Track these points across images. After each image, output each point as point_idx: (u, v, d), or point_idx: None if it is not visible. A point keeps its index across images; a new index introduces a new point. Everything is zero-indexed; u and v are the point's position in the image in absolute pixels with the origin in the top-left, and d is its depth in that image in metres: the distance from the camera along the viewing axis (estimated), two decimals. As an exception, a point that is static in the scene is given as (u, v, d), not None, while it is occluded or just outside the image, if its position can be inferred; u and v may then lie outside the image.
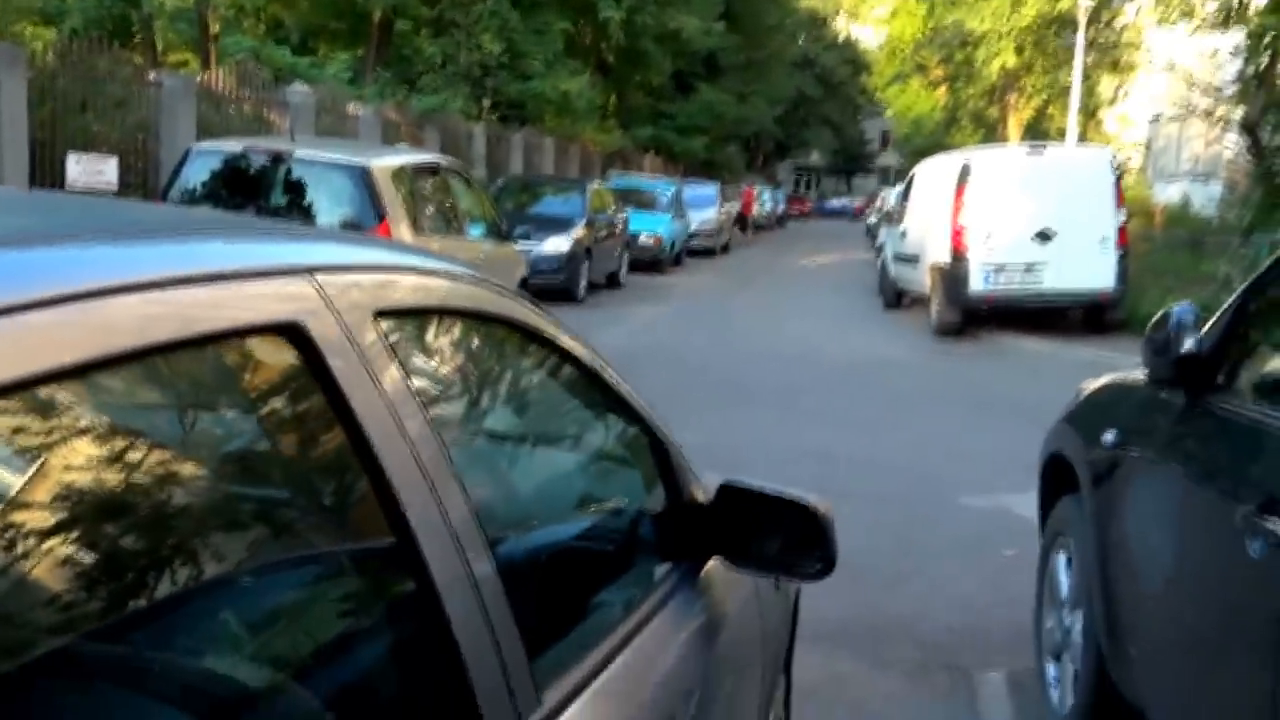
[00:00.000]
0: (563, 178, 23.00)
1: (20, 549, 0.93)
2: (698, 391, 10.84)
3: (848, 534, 6.40)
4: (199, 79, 13.12)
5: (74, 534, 0.98)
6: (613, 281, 19.58)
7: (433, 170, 10.61)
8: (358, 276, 1.41)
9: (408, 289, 1.52)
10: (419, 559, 1.29)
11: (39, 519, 0.95)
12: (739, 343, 14.30)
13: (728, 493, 2.30)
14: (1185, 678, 3.18)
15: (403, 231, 9.17)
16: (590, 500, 2.36)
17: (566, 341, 2.03)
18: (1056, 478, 4.27)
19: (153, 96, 12.00)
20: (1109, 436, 3.73)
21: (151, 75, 12.11)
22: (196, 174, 9.33)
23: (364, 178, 8.97)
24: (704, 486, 2.54)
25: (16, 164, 9.95)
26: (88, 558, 1.00)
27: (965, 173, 15.05)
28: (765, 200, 46.06)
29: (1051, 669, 4.20)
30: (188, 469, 1.15)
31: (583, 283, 17.23)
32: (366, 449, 1.25)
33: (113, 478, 1.03)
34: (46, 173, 10.47)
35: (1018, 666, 4.66)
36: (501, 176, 20.50)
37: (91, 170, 10.96)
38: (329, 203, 9.17)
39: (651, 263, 22.42)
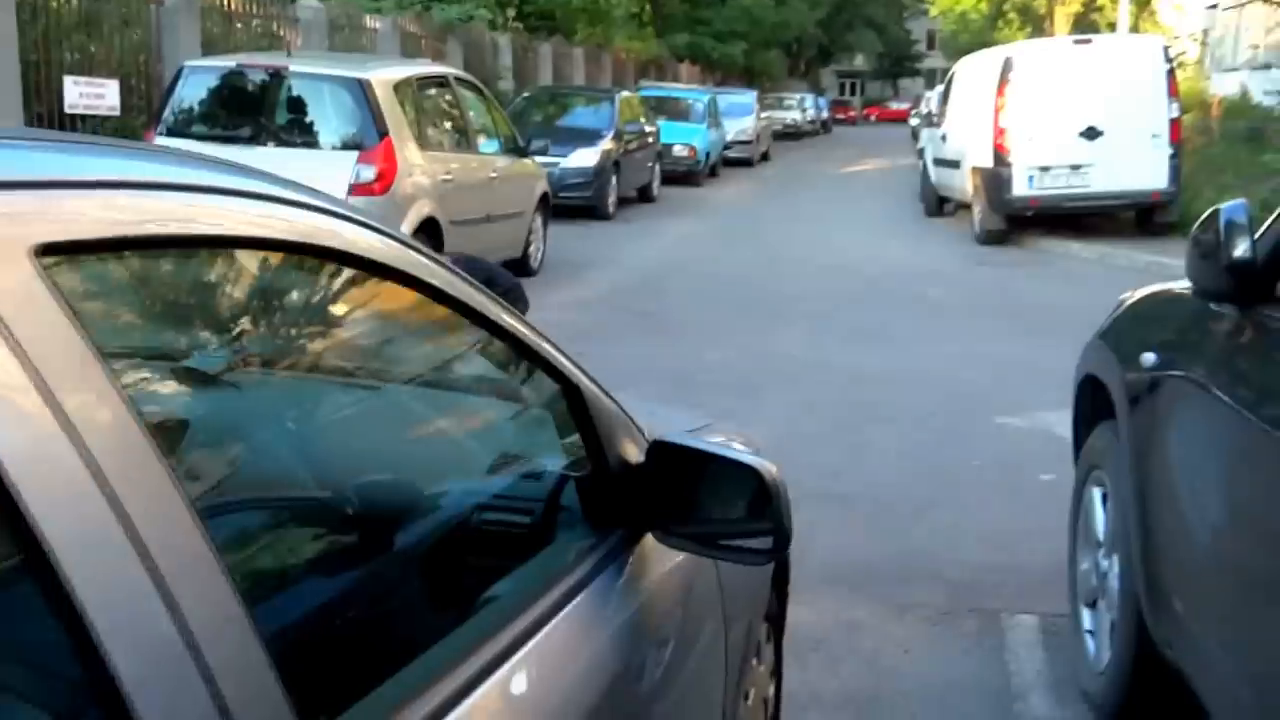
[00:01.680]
0: (591, 88, 22.31)
1: None
2: (727, 307, 10.39)
3: (872, 459, 5.99)
4: (201, -5, 12.62)
5: None
6: (645, 195, 19.01)
7: (440, 82, 10.10)
8: (11, 197, 0.98)
9: (120, 213, 1.09)
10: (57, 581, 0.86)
11: None
12: (773, 255, 13.77)
13: (661, 451, 1.87)
14: (1236, 636, 2.73)
15: (407, 149, 8.72)
16: (477, 466, 1.93)
17: (440, 277, 1.59)
18: (1092, 402, 3.80)
19: (153, 15, 11.54)
20: (1149, 356, 3.25)
21: (151, -8, 11.65)
22: (191, 93, 8.91)
23: (362, 91, 8.50)
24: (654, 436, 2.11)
25: (7, 87, 9.56)
26: None
27: (1007, 69, 14.28)
28: (808, 107, 44.95)
29: (1087, 616, 3.76)
30: None
31: (612, 197, 16.68)
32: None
33: None
34: (43, 97, 10.08)
35: (1053, 609, 4.23)
36: (527, 87, 19.90)
37: (91, 94, 10.56)
38: (326, 119, 8.73)
39: (686, 175, 21.78)
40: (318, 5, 14.31)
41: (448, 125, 10.06)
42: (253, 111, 8.80)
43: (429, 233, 8.90)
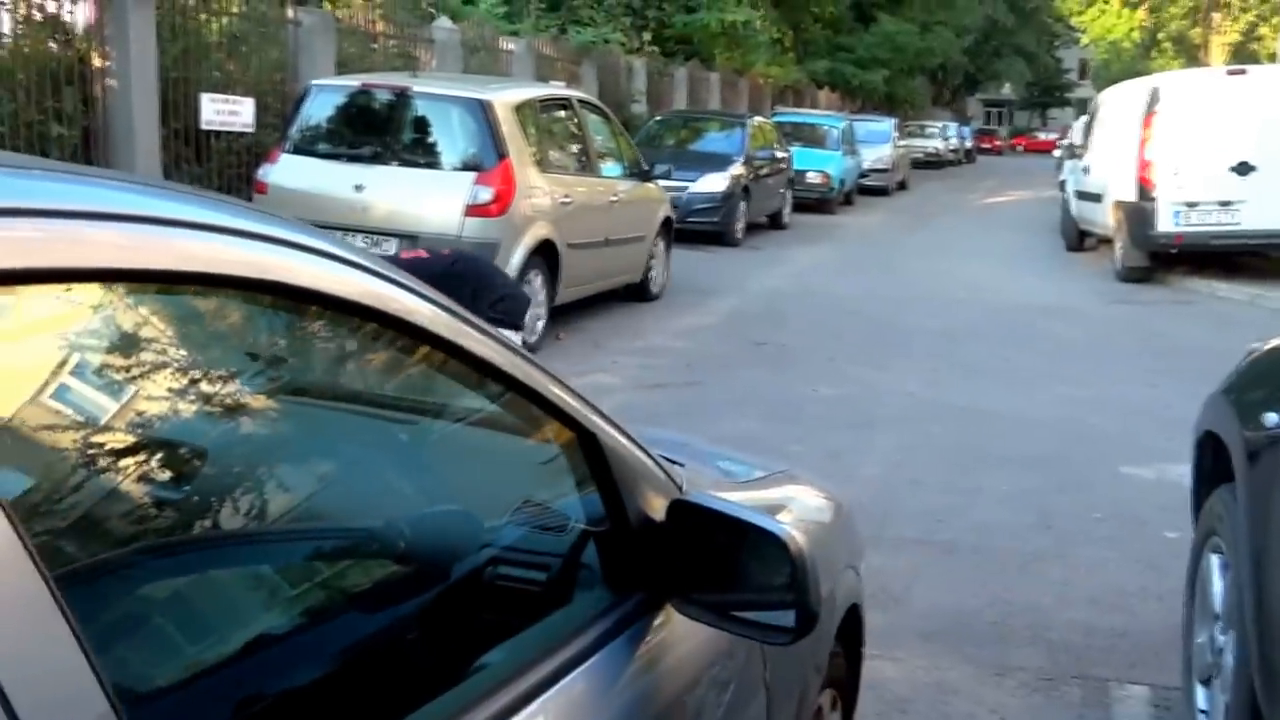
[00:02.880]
0: (723, 113, 22.17)
1: None
2: (847, 338, 10.13)
3: (981, 505, 5.67)
4: (338, 16, 12.84)
5: None
6: (775, 222, 18.77)
7: (563, 104, 10.06)
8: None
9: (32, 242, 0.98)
10: None
11: None
12: (902, 286, 13.43)
13: (682, 511, 1.70)
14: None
15: (527, 171, 8.69)
16: (492, 515, 1.78)
17: (424, 312, 1.44)
18: (1213, 461, 3.50)
19: (291, 35, 11.78)
20: (1272, 416, 2.97)
21: (290, 12, 11.87)
22: (317, 112, 9.03)
23: (483, 112, 8.49)
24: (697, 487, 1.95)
25: (147, 103, 9.83)
26: None
27: (1154, 99, 13.69)
28: (950, 135, 44.13)
29: (1201, 695, 3.46)
30: None
31: (740, 223, 16.48)
32: None
33: None
34: (180, 113, 10.34)
35: (1167, 681, 3.92)
36: (660, 111, 19.85)
37: (227, 111, 10.80)
38: (447, 139, 8.75)
39: (819, 202, 21.48)
40: (452, 27, 14.47)
41: (569, 148, 10.02)
42: (376, 130, 8.87)
43: (545, 255, 8.86)
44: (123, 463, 1.18)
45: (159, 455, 1.24)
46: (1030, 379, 8.86)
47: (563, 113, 10.01)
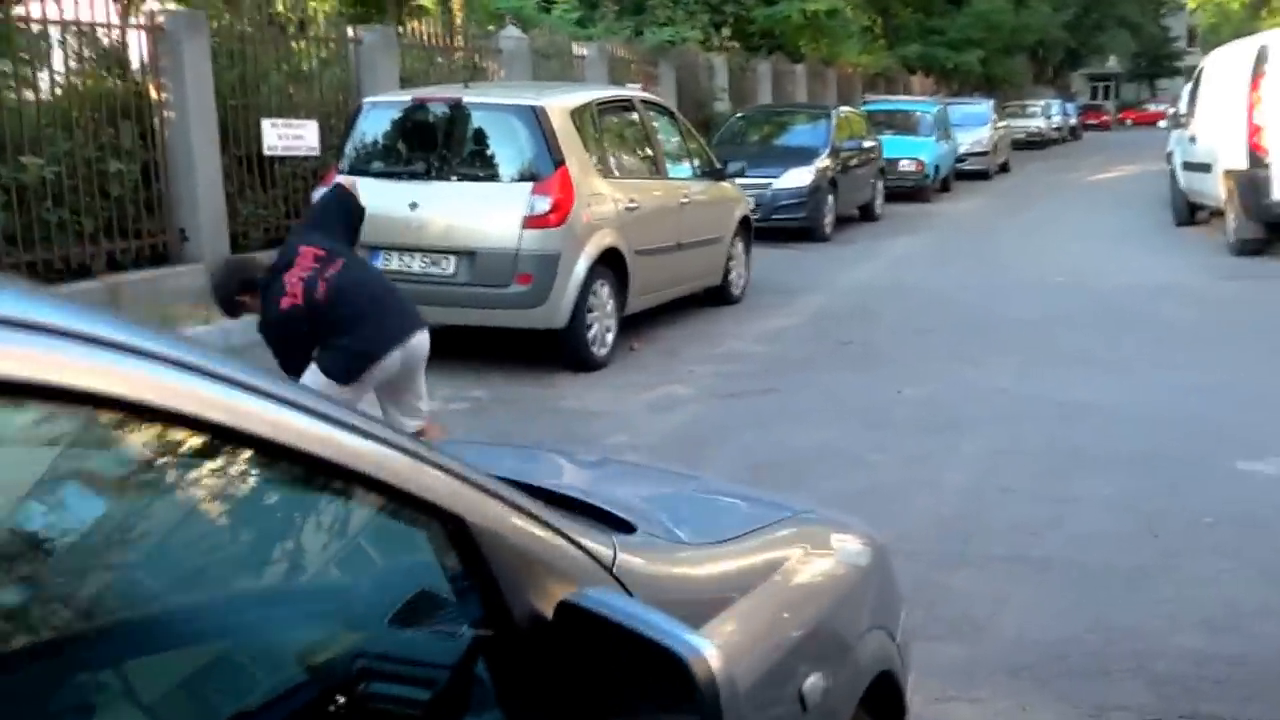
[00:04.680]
0: (806, 105, 21.59)
1: None
2: (939, 334, 9.58)
3: (1080, 515, 5.09)
4: (400, 31, 12.63)
5: None
6: (866, 213, 18.17)
7: (625, 106, 9.67)
8: None
9: None
10: None
11: None
12: (999, 274, 12.79)
13: (570, 614, 1.30)
14: None
15: (587, 177, 8.33)
16: (366, 617, 1.41)
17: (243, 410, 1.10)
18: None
19: (352, 53, 11.59)
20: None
21: (350, 31, 11.69)
22: (371, 130, 8.78)
23: (535, 119, 8.15)
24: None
25: (205, 133, 9.69)
26: None
27: (1262, 59, 12.81)
28: (1053, 114, 42.74)
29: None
30: None
31: (828, 217, 15.95)
32: None
33: None
34: (242, 140, 10.20)
35: (1289, 719, 3.39)
36: (743, 108, 19.36)
37: (290, 135, 10.64)
38: (502, 150, 8.42)
39: (913, 190, 20.79)
40: (520, 36, 14.20)
41: (633, 151, 9.63)
42: (429, 145, 8.58)
43: (611, 264, 8.49)
44: None
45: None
46: (1136, 368, 8.23)
47: (625, 114, 9.62)
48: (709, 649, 1.21)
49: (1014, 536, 5.11)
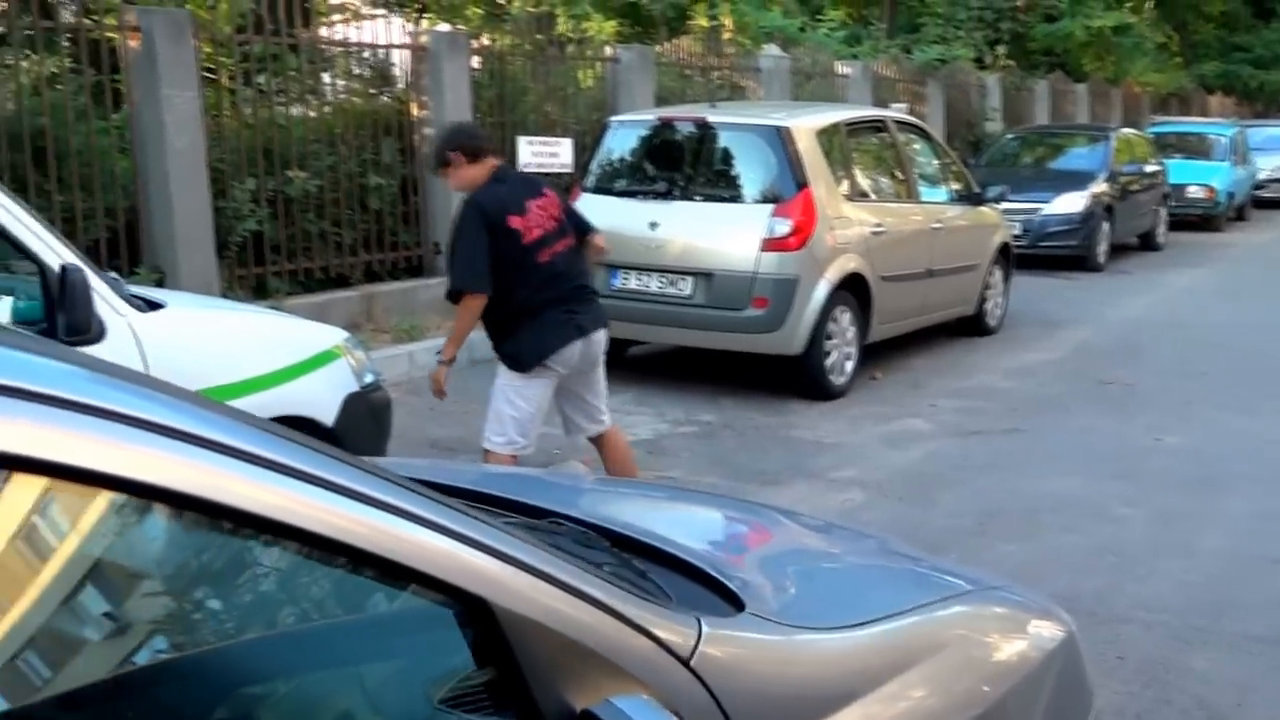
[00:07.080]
0: (1084, 126, 20.44)
1: None
2: (1213, 377, 8.81)
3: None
4: (658, 50, 12.66)
5: None
6: (1147, 243, 17.03)
7: (876, 126, 9.34)
8: None
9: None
10: None
11: None
12: (1291, 314, 11.71)
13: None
14: None
15: (832, 200, 8.06)
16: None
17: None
18: None
19: (609, 72, 11.69)
20: None
21: (608, 50, 11.79)
22: (617, 147, 8.79)
23: (780, 139, 7.94)
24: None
25: (461, 150, 9.94)
26: None
27: None
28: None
29: None
30: None
31: (1103, 246, 15.01)
32: None
33: None
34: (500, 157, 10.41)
35: None
36: (1015, 128, 18.54)
37: (545, 153, 10.81)
38: (746, 170, 8.26)
39: (1203, 219, 19.40)
40: (780, 55, 14.01)
41: (883, 173, 9.28)
42: (672, 165, 8.51)
43: (855, 289, 8.19)
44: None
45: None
46: None
47: (876, 135, 9.29)
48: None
49: (1276, 616, 4.55)
